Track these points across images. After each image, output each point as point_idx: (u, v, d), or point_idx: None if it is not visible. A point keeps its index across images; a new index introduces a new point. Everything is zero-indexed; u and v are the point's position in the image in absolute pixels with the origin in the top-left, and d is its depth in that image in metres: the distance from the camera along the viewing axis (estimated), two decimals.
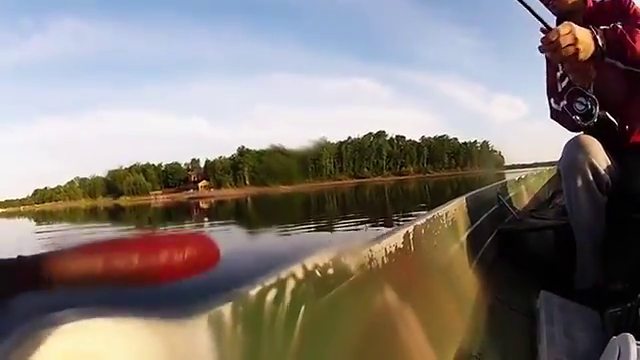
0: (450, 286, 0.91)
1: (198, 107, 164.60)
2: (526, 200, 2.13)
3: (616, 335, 0.68)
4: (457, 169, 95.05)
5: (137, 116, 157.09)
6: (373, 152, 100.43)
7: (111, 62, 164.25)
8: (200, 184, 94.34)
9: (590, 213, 1.17)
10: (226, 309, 0.33)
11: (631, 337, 0.64)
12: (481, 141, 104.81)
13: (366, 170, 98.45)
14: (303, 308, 0.41)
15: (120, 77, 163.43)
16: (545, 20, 1.06)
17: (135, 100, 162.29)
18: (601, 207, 1.18)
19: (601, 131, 1.21)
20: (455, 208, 1.13)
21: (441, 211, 1.00)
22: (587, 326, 0.91)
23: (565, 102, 1.13)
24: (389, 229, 0.75)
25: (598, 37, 1.02)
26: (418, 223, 0.82)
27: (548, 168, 3.11)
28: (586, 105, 1.10)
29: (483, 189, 1.62)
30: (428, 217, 0.90)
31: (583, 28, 1.01)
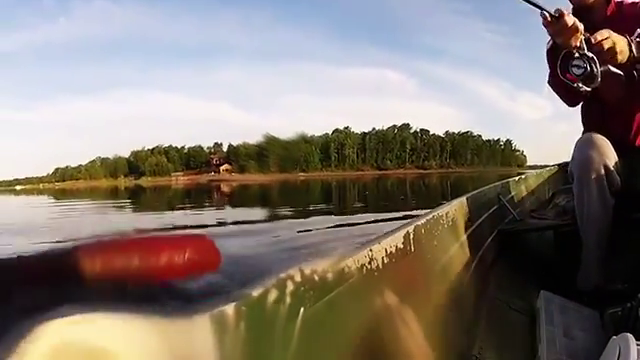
0: (450, 286, 0.91)
1: (223, 92, 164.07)
2: (526, 200, 2.13)
3: (616, 335, 0.68)
4: (479, 166, 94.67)
5: (162, 99, 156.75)
6: (396, 144, 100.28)
7: (137, 45, 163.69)
8: (222, 167, 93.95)
9: (600, 214, 1.17)
10: (228, 309, 0.33)
11: (631, 337, 0.64)
12: (504, 139, 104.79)
13: (389, 162, 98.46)
14: (305, 308, 0.41)
15: (146, 60, 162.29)
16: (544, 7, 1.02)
17: (160, 83, 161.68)
18: (610, 208, 1.18)
19: (609, 132, 1.21)
20: (455, 208, 1.13)
21: (441, 211, 1.00)
22: (587, 326, 0.91)
23: (559, 72, 1.02)
24: (389, 229, 0.75)
25: (633, 46, 1.03)
26: (418, 223, 0.82)
27: (548, 168, 3.11)
28: (585, 67, 0.96)
29: (483, 189, 1.62)
30: (428, 217, 0.90)
31: (619, 35, 1.02)
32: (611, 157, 1.17)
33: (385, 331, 0.58)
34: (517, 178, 2.21)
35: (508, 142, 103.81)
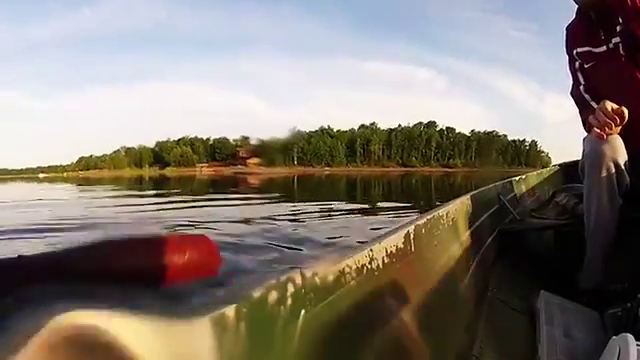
0: (450, 286, 0.91)
1: (249, 84, 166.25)
2: (526, 200, 2.13)
3: (616, 335, 0.68)
4: (504, 166, 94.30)
5: (188, 90, 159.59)
6: (422, 142, 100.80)
7: (162, 36, 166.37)
8: (250, 161, 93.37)
9: (608, 213, 1.17)
10: (229, 310, 0.33)
11: (631, 337, 0.64)
12: (530, 140, 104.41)
13: (414, 159, 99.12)
14: (306, 309, 0.41)
15: (171, 51, 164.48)
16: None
17: (185, 74, 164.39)
18: (617, 206, 1.17)
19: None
20: (456, 208, 1.13)
21: (442, 211, 1.00)
22: (587, 326, 0.91)
23: None
24: (389, 229, 0.75)
25: None
26: (418, 223, 0.82)
27: (549, 168, 3.11)
28: None
29: (484, 189, 1.62)
30: (428, 217, 0.90)
31: None
32: (622, 154, 1.17)
33: (385, 331, 0.58)
34: (517, 178, 2.21)
35: (533, 143, 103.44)
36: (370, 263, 0.59)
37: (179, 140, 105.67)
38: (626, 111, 1.12)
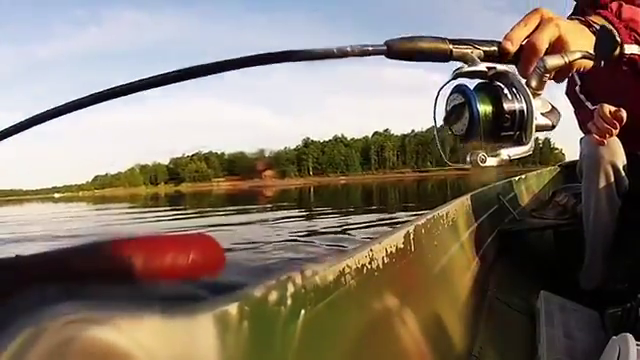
0: (450, 286, 0.91)
1: (260, 97, 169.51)
2: (526, 200, 2.14)
3: (616, 335, 0.68)
4: (518, 165, 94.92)
5: (198, 105, 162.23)
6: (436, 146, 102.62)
7: (169, 52, 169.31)
8: (265, 173, 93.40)
9: (607, 215, 1.17)
10: (230, 309, 0.33)
11: (631, 337, 0.64)
12: (543, 137, 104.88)
13: (429, 164, 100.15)
14: (306, 308, 0.41)
15: (180, 66, 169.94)
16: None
17: (196, 89, 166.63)
18: (616, 207, 1.17)
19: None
20: (456, 208, 1.13)
21: (441, 211, 1.00)
22: (587, 326, 0.91)
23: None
24: (389, 229, 0.75)
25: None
26: (418, 223, 0.82)
27: (549, 168, 3.12)
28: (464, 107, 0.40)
29: (484, 189, 1.62)
30: (428, 217, 0.90)
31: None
32: (620, 156, 1.17)
33: (385, 331, 0.58)
34: (517, 178, 2.21)
35: (546, 140, 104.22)
36: (370, 263, 0.59)
37: (193, 155, 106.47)
38: (624, 113, 1.11)
